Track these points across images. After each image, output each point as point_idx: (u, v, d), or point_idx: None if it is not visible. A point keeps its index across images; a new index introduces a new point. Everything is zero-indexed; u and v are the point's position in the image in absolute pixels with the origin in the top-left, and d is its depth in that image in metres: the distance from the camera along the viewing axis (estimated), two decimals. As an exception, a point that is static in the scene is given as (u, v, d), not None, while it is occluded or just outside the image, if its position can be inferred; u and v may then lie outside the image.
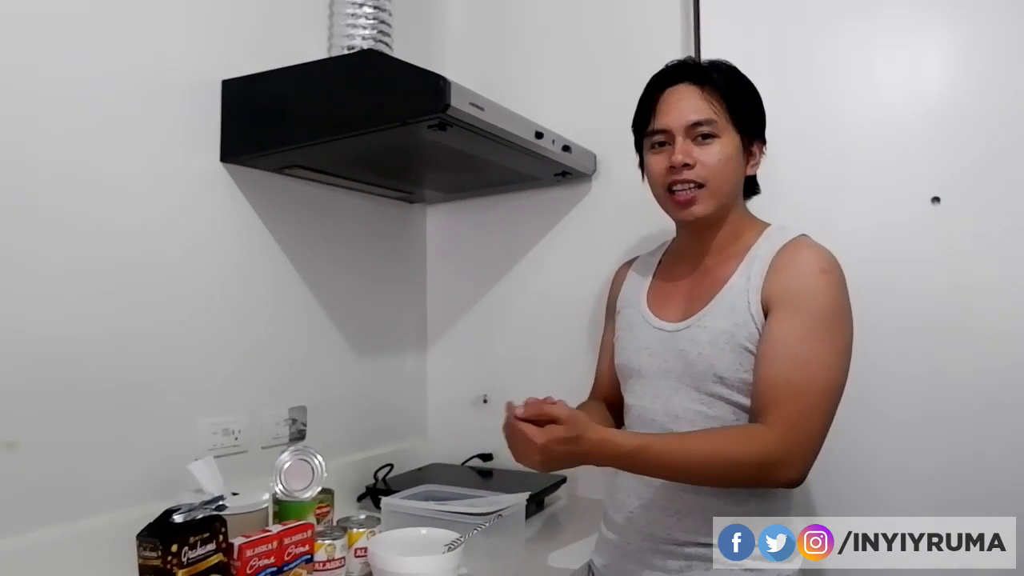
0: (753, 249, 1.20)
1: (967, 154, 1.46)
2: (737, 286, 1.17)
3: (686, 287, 1.28)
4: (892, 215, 1.51)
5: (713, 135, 1.19)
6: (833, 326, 1.11)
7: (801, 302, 1.11)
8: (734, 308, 1.16)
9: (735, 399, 1.15)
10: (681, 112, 1.20)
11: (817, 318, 1.10)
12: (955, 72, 1.49)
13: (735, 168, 1.21)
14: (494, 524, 1.30)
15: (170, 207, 1.38)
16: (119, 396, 1.28)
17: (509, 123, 1.42)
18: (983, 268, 1.44)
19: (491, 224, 2.02)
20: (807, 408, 1.07)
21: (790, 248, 1.17)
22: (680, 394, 1.20)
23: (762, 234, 1.23)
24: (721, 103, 1.19)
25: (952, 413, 1.45)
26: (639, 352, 1.28)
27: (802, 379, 1.07)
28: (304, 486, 1.32)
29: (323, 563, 1.22)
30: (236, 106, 1.45)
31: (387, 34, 1.60)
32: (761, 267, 1.16)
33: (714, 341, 1.16)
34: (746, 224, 1.26)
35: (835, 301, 1.12)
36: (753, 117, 1.24)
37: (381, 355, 1.93)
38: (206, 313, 1.44)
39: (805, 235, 1.20)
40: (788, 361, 1.08)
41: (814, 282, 1.12)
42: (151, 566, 1.01)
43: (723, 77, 1.22)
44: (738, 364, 1.14)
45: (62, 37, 1.21)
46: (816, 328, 1.10)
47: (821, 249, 1.17)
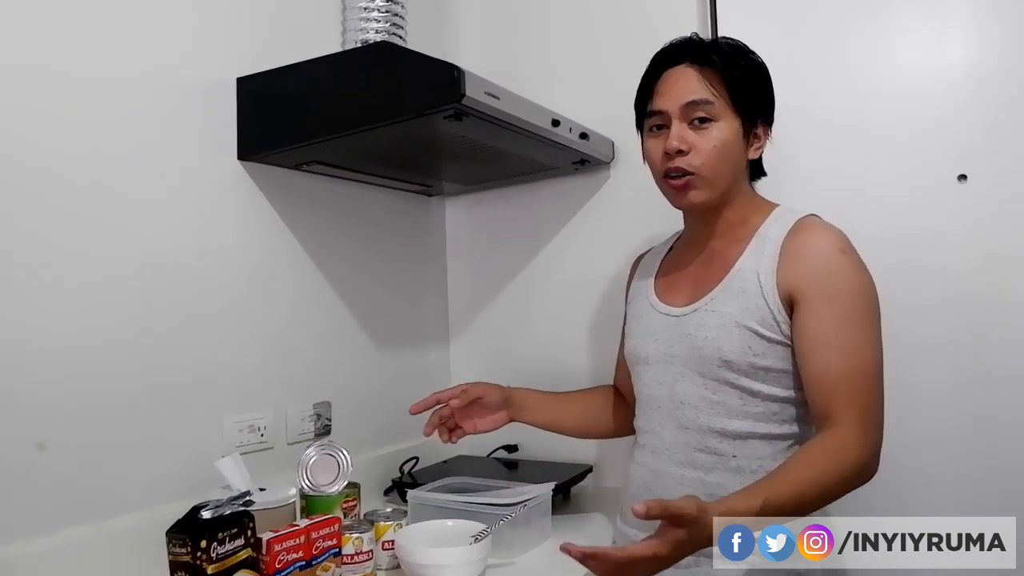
0: (762, 230, 1.18)
1: (994, 131, 1.43)
2: (747, 268, 1.16)
3: (693, 272, 1.26)
4: (918, 194, 1.48)
5: (710, 119, 1.16)
6: (866, 306, 1.10)
7: (831, 289, 1.09)
8: (744, 291, 1.14)
9: (742, 383, 1.14)
10: (677, 94, 1.17)
11: (852, 302, 1.09)
12: (980, 47, 1.46)
13: (734, 153, 1.18)
14: (520, 515, 1.30)
15: (190, 207, 1.38)
16: (146, 396, 1.29)
17: (525, 112, 1.41)
18: (1010, 247, 1.41)
19: (510, 215, 2.01)
20: (871, 397, 1.07)
21: (803, 230, 1.15)
22: (685, 380, 1.19)
23: (770, 215, 1.20)
24: (721, 84, 1.16)
25: (977, 408, 1.43)
26: (645, 339, 1.27)
27: (857, 368, 1.07)
28: (330, 480, 1.33)
29: (351, 556, 1.22)
30: (252, 103, 1.46)
31: (400, 26, 1.59)
32: (773, 248, 1.14)
33: (722, 324, 1.14)
34: (752, 206, 1.24)
35: (861, 280, 1.11)
36: (757, 99, 1.20)
37: (404, 349, 1.93)
38: (229, 312, 1.44)
39: (815, 215, 1.18)
40: (838, 352, 1.07)
41: (838, 266, 1.10)
42: (181, 562, 1.02)
43: (725, 57, 1.17)
44: (747, 347, 1.12)
45: (76, 40, 1.22)
46: (854, 312, 1.09)
47: (834, 229, 1.15)
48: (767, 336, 1.12)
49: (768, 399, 1.14)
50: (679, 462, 1.20)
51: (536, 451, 1.88)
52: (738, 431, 1.15)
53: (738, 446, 1.15)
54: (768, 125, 1.22)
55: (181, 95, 1.37)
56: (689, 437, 1.19)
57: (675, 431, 1.21)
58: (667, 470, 1.20)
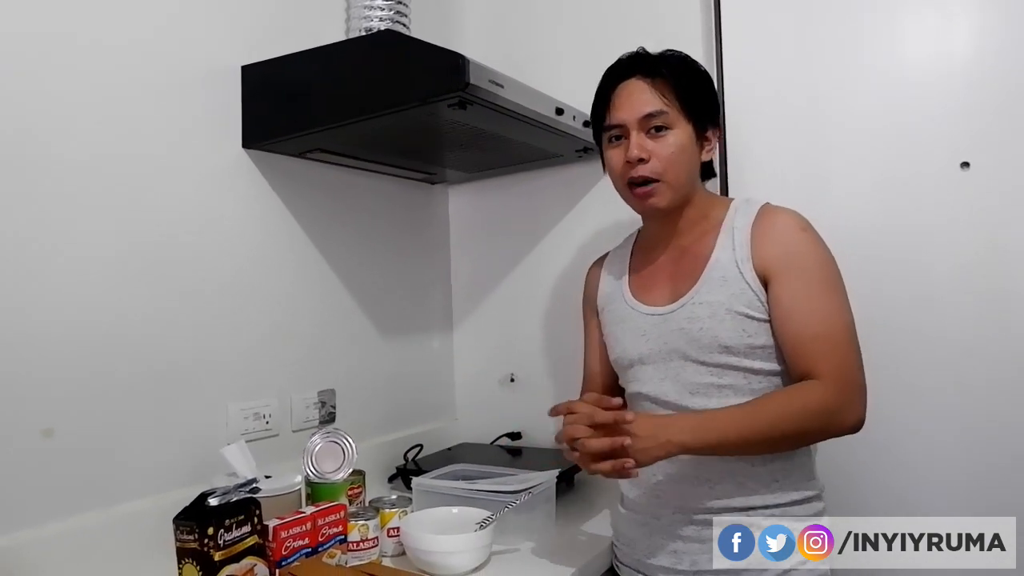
0: (727, 221, 1.25)
1: (997, 118, 1.42)
2: (723, 259, 1.22)
3: (667, 270, 1.31)
4: (921, 182, 1.47)
5: (665, 127, 1.22)
6: (831, 275, 1.18)
7: (798, 263, 1.17)
8: (726, 279, 1.20)
9: (744, 364, 1.19)
10: (634, 106, 1.23)
11: (817, 273, 1.17)
12: (983, 34, 1.45)
13: (690, 157, 1.25)
14: (525, 502, 1.30)
15: (195, 194, 1.38)
16: (151, 384, 1.30)
17: (529, 100, 1.41)
18: (1014, 235, 1.40)
19: (514, 202, 2.01)
20: (844, 354, 1.13)
21: (765, 216, 1.22)
22: (689, 370, 1.22)
23: (730, 207, 1.27)
24: (673, 94, 1.22)
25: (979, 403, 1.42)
26: (635, 340, 1.30)
27: (828, 330, 1.14)
28: (336, 468, 1.34)
29: (357, 543, 1.23)
30: (256, 91, 1.46)
31: (404, 14, 1.58)
32: (743, 237, 1.21)
33: (714, 314, 1.19)
34: (709, 203, 1.31)
35: (824, 253, 1.19)
36: (705, 106, 1.27)
37: (408, 336, 1.93)
38: (234, 300, 1.45)
39: (768, 202, 1.26)
40: (809, 317, 1.15)
41: (802, 241, 1.19)
42: (189, 549, 1.03)
43: (673, 69, 1.24)
44: (741, 330, 1.18)
45: (82, 28, 1.22)
46: (820, 281, 1.17)
47: (791, 211, 1.23)
48: (756, 316, 1.18)
49: (769, 374, 1.19)
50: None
51: (539, 438, 1.89)
52: None
53: None
54: (716, 128, 1.30)
55: (186, 83, 1.37)
56: None
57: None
58: (683, 457, 1.16)
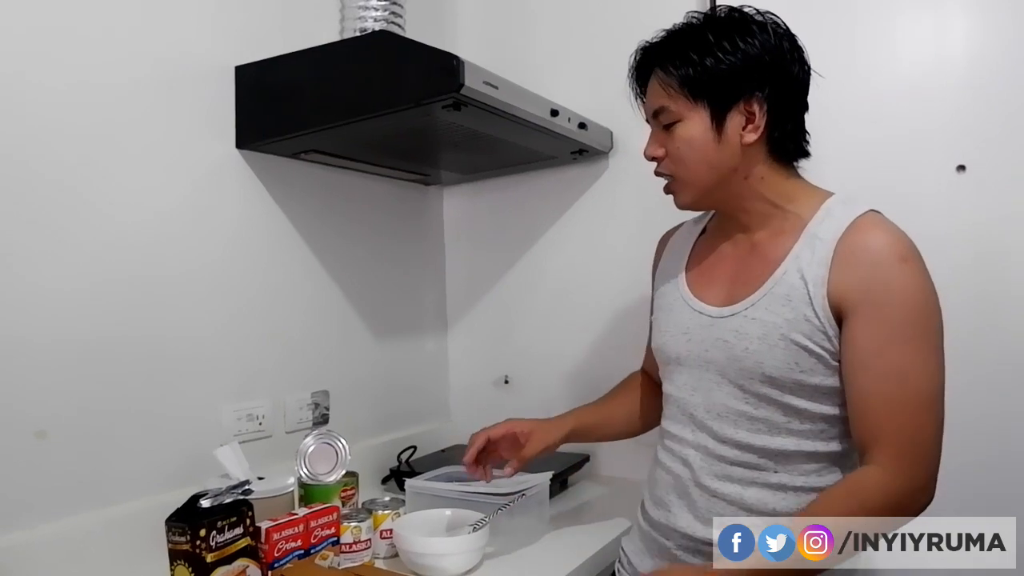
0: (811, 226, 1.05)
1: (993, 121, 1.42)
2: (794, 273, 1.03)
3: (731, 265, 1.15)
4: (916, 184, 1.47)
5: (673, 120, 1.09)
6: (924, 323, 0.99)
7: (884, 301, 0.97)
8: (791, 298, 1.02)
9: (785, 400, 1.04)
10: (648, 102, 1.15)
11: (905, 318, 0.98)
12: (979, 37, 1.45)
13: (704, 148, 1.08)
14: (518, 504, 1.30)
15: (188, 195, 1.38)
16: (143, 385, 1.29)
17: (524, 101, 1.41)
18: (1010, 238, 1.41)
19: (508, 204, 2.00)
20: (921, 426, 0.98)
21: (859, 230, 1.01)
22: (722, 390, 1.10)
23: (820, 207, 1.07)
24: (677, 82, 1.07)
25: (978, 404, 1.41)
26: (677, 337, 1.17)
27: (901, 394, 0.97)
28: (329, 469, 1.34)
29: (349, 545, 1.23)
30: (250, 92, 1.45)
31: (399, 15, 1.59)
32: (824, 252, 1.01)
33: (765, 336, 1.03)
34: (791, 193, 1.10)
35: (922, 293, 0.99)
36: (721, 80, 1.05)
37: (402, 338, 1.93)
38: (227, 301, 1.44)
39: (875, 210, 1.04)
40: (882, 374, 0.97)
41: (896, 274, 0.98)
42: (181, 550, 1.03)
43: (676, 50, 1.08)
44: (793, 363, 1.02)
45: (74, 28, 1.21)
46: (906, 330, 0.98)
47: (896, 231, 1.01)
48: (815, 352, 1.01)
49: (815, 417, 1.05)
50: (715, 475, 1.10)
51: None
52: (780, 448, 1.06)
53: (780, 463, 1.06)
54: (751, 98, 1.06)
55: (179, 83, 1.37)
56: (726, 451, 1.09)
57: (710, 442, 1.11)
58: (702, 482, 1.11)
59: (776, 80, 1.06)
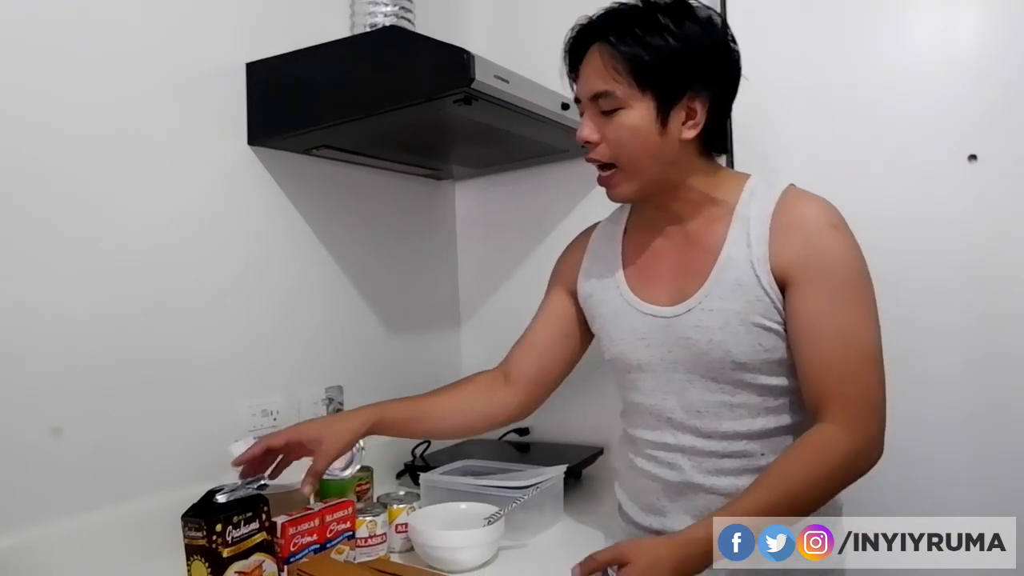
0: (740, 208, 1.08)
1: (1005, 110, 1.41)
2: (737, 257, 1.06)
3: (670, 260, 1.15)
4: (928, 174, 1.47)
5: (616, 107, 1.05)
6: (861, 285, 1.04)
7: (824, 269, 1.02)
8: (740, 283, 1.05)
9: (759, 381, 1.07)
10: (586, 81, 1.08)
11: (844, 281, 1.02)
12: (991, 26, 1.44)
13: (648, 140, 1.05)
14: (533, 497, 1.30)
15: (200, 192, 1.38)
16: (159, 380, 1.30)
17: (535, 95, 1.40)
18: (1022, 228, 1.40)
19: (520, 198, 2.00)
20: (866, 383, 1.01)
21: (789, 205, 1.06)
22: (696, 386, 1.11)
23: (743, 190, 1.10)
24: (625, 66, 1.03)
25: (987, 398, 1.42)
26: (634, 344, 1.16)
27: (849, 354, 1.01)
28: (344, 465, 1.33)
29: (365, 539, 1.23)
30: (261, 89, 1.45)
31: (409, 10, 1.58)
32: (760, 231, 1.05)
33: (726, 324, 1.05)
34: (715, 181, 1.12)
35: (856, 258, 1.04)
36: (675, 75, 1.03)
37: (415, 332, 1.93)
38: (240, 296, 1.45)
39: (793, 184, 1.09)
40: (829, 337, 1.01)
41: (830, 242, 1.03)
42: (197, 545, 1.03)
43: (629, 33, 1.03)
44: (758, 344, 1.05)
45: (86, 25, 1.22)
46: (846, 293, 1.02)
47: (822, 201, 1.06)
48: (773, 328, 1.05)
49: (786, 391, 1.09)
50: (707, 471, 1.11)
51: (547, 433, 1.89)
52: (763, 428, 1.09)
53: (765, 443, 1.09)
54: (695, 95, 1.05)
55: (191, 80, 1.37)
56: (714, 445, 1.11)
57: (696, 441, 1.12)
58: (696, 482, 1.12)
59: (718, 77, 1.07)
